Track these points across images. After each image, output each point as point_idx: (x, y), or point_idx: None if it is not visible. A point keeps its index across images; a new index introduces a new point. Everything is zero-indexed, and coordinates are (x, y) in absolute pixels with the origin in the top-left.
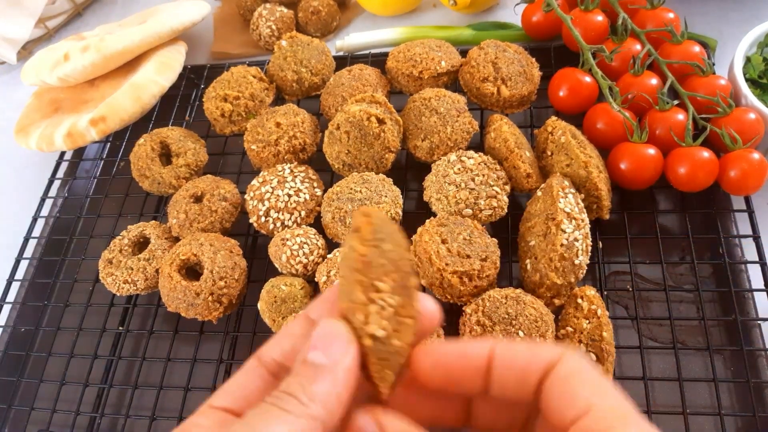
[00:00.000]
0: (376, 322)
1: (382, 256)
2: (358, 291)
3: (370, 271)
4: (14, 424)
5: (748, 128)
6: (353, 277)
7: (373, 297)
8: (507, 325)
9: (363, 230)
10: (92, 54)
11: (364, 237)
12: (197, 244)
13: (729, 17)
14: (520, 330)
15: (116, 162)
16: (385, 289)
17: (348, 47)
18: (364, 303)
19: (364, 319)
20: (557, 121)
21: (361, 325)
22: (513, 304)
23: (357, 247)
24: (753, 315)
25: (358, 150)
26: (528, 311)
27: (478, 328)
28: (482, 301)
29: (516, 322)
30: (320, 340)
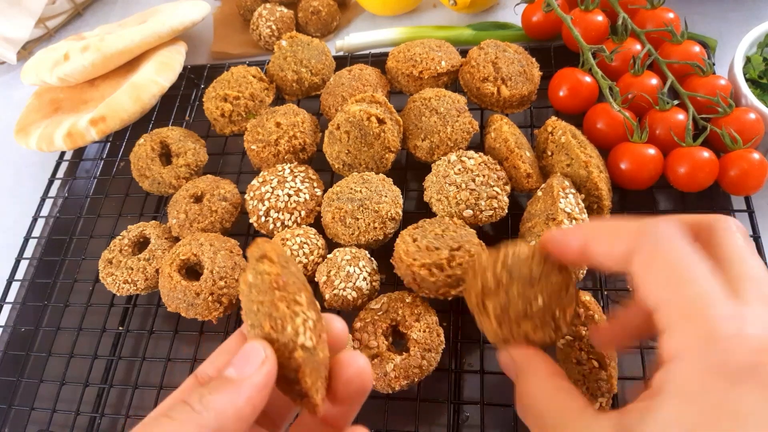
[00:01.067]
0: (304, 333)
1: (292, 275)
2: (282, 306)
3: (288, 287)
4: (14, 424)
5: (748, 128)
6: (272, 296)
7: (296, 310)
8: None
9: (270, 254)
10: (92, 54)
11: (273, 260)
12: (197, 244)
13: (729, 17)
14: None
15: (116, 162)
16: (303, 302)
17: (348, 47)
18: (291, 316)
19: (294, 331)
20: (557, 121)
21: (293, 338)
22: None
23: (270, 269)
24: None
25: (358, 150)
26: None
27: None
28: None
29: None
30: (238, 358)
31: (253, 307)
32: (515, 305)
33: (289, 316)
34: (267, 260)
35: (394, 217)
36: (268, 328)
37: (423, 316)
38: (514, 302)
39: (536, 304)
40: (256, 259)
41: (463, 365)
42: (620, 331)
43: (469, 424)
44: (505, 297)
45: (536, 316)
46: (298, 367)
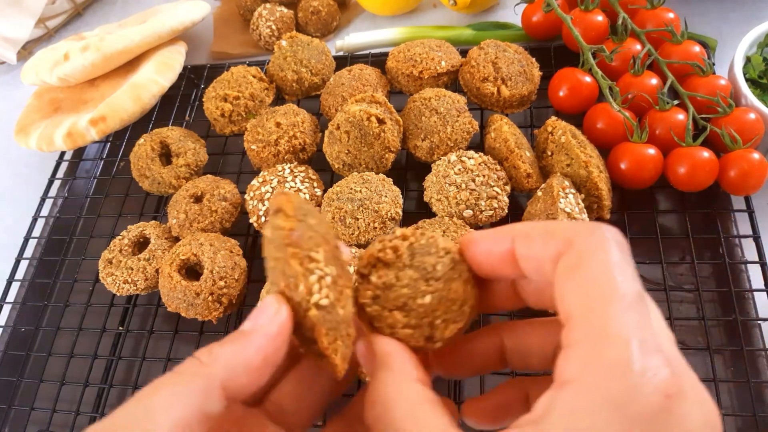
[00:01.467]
0: (319, 291)
1: (310, 229)
2: (294, 264)
3: (302, 243)
4: (14, 424)
5: (748, 128)
6: (286, 252)
7: (310, 267)
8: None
9: (285, 208)
10: (92, 54)
11: (288, 214)
12: (197, 244)
13: (729, 17)
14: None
15: (116, 162)
16: (320, 258)
17: (348, 47)
18: (303, 274)
19: (307, 290)
20: (557, 121)
21: (305, 296)
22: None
23: (284, 224)
24: (753, 315)
25: (358, 150)
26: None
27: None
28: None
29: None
30: (254, 312)
31: (270, 263)
32: (398, 290)
33: (302, 274)
34: (282, 214)
35: (394, 217)
36: (283, 286)
37: None
38: (400, 286)
39: (420, 300)
40: (273, 213)
41: None
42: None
43: None
44: (394, 276)
45: (414, 312)
46: (312, 326)
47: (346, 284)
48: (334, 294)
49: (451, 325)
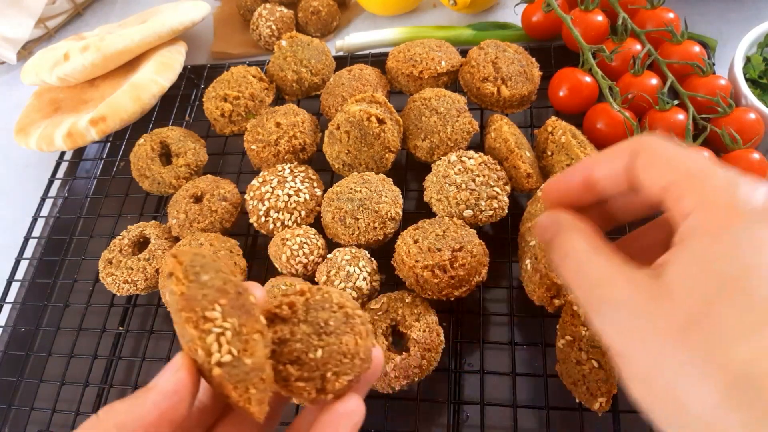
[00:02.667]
0: (219, 350)
1: (203, 287)
2: (189, 328)
3: (195, 305)
4: (14, 424)
5: (748, 128)
6: (181, 317)
7: (206, 328)
8: (312, 333)
9: (175, 270)
10: (92, 53)
11: (178, 277)
12: (197, 244)
13: (729, 17)
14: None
15: (116, 162)
16: (216, 316)
17: (348, 47)
18: (199, 337)
19: (205, 352)
20: (557, 121)
21: (205, 358)
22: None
23: (175, 288)
24: None
25: (358, 150)
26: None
27: (285, 308)
28: (317, 291)
29: (324, 338)
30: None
31: (175, 326)
32: (292, 344)
33: (197, 337)
34: (174, 278)
35: (394, 217)
36: (186, 349)
37: (423, 316)
38: (294, 341)
39: (312, 354)
40: (167, 277)
41: (463, 365)
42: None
43: (469, 424)
44: (289, 331)
45: (306, 366)
46: (220, 384)
47: (252, 329)
48: (237, 346)
49: (342, 377)
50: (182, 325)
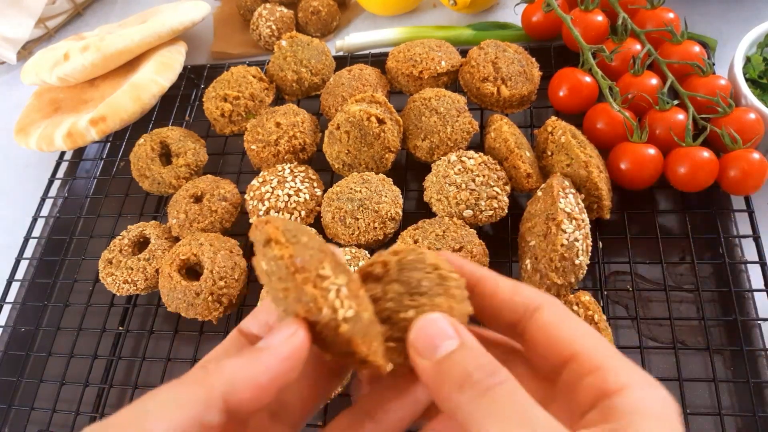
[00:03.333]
0: (342, 305)
1: (306, 248)
2: (309, 288)
3: (307, 265)
4: (14, 424)
5: (748, 128)
6: (295, 281)
7: (325, 286)
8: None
9: (275, 235)
10: (92, 53)
11: (280, 242)
12: (197, 244)
13: (729, 17)
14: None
15: (116, 162)
16: (329, 273)
17: (348, 47)
18: (321, 295)
19: (331, 309)
20: (557, 121)
21: (332, 316)
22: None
23: (281, 252)
24: (753, 315)
25: (358, 150)
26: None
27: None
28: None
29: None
30: (271, 332)
31: (279, 294)
32: (383, 303)
33: (320, 295)
34: (274, 243)
35: (394, 217)
36: (304, 312)
37: None
38: (385, 300)
39: (404, 314)
40: (263, 245)
41: None
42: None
43: None
44: (381, 290)
45: (396, 326)
46: (348, 340)
47: (357, 286)
48: (354, 302)
49: None
50: (297, 289)
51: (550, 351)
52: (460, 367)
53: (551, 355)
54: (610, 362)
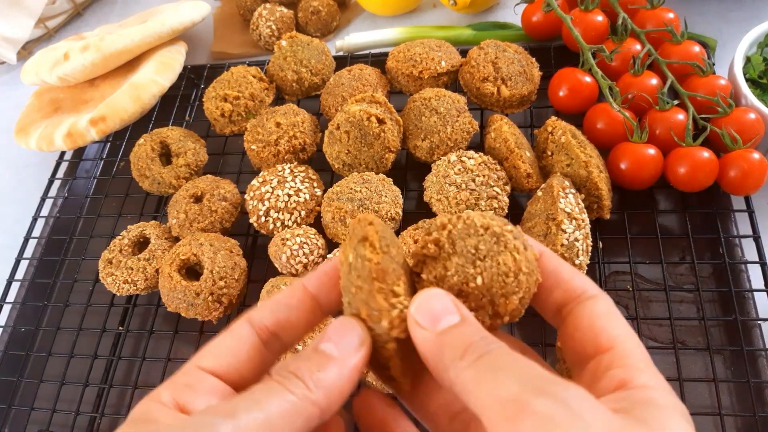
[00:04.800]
0: (399, 325)
1: (392, 261)
2: (380, 298)
3: (386, 277)
4: (14, 424)
5: (748, 128)
6: (371, 286)
7: (393, 302)
8: (465, 263)
9: (371, 238)
10: (92, 53)
11: (374, 246)
12: (197, 244)
13: (729, 17)
14: (478, 277)
15: (116, 162)
16: (401, 292)
17: (348, 47)
18: (387, 309)
19: (390, 325)
20: (557, 121)
21: (387, 331)
22: (489, 241)
23: (370, 256)
24: (753, 315)
25: (358, 150)
26: (503, 259)
27: (431, 246)
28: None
29: (479, 264)
30: (335, 333)
31: (351, 288)
32: (450, 279)
33: (386, 309)
34: (369, 245)
35: (394, 217)
36: (365, 315)
37: None
38: (450, 276)
39: (473, 283)
40: (358, 240)
41: None
42: None
43: None
44: (442, 268)
45: (471, 296)
46: (390, 357)
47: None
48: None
49: (511, 297)
50: (370, 293)
51: (591, 338)
52: (463, 338)
53: (590, 343)
54: (644, 366)
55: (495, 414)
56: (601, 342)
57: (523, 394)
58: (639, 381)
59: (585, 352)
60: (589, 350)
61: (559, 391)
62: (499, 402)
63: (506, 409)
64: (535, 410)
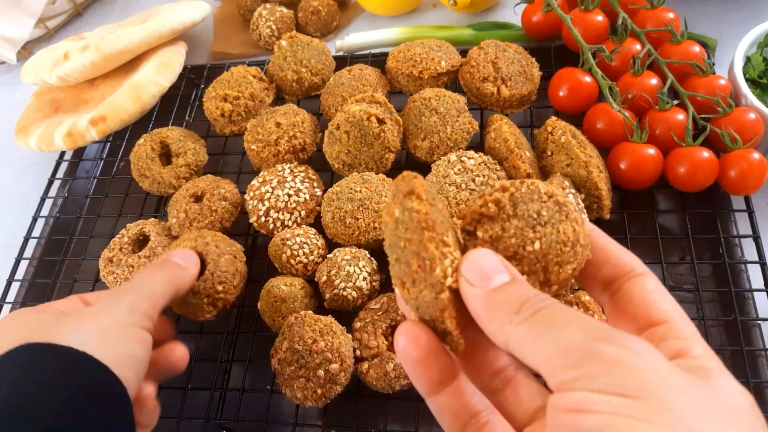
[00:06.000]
0: (452, 275)
1: (440, 213)
2: (431, 247)
3: (436, 227)
4: None
5: (748, 128)
6: (421, 236)
7: (444, 252)
8: (525, 226)
9: (419, 190)
10: (92, 53)
11: (421, 197)
12: (203, 242)
13: (729, 17)
14: (537, 242)
15: (116, 162)
16: (451, 243)
17: (348, 47)
18: (439, 258)
19: (443, 273)
20: (557, 121)
21: (441, 279)
22: (552, 208)
23: (419, 207)
24: (753, 315)
25: (358, 150)
26: (564, 228)
27: (491, 205)
28: (521, 184)
29: (539, 229)
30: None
31: (399, 243)
32: (506, 241)
33: (438, 257)
34: (416, 197)
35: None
36: (416, 266)
37: None
38: (507, 237)
39: (530, 247)
40: (404, 195)
41: None
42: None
43: None
44: (500, 228)
45: (525, 260)
46: (444, 307)
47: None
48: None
49: (566, 266)
50: (420, 244)
51: (644, 312)
52: (517, 294)
53: (642, 316)
54: (698, 339)
55: (558, 362)
56: (655, 316)
57: (587, 341)
58: (695, 352)
59: (637, 324)
60: (642, 323)
61: (624, 339)
62: (562, 350)
63: (570, 355)
64: (601, 355)
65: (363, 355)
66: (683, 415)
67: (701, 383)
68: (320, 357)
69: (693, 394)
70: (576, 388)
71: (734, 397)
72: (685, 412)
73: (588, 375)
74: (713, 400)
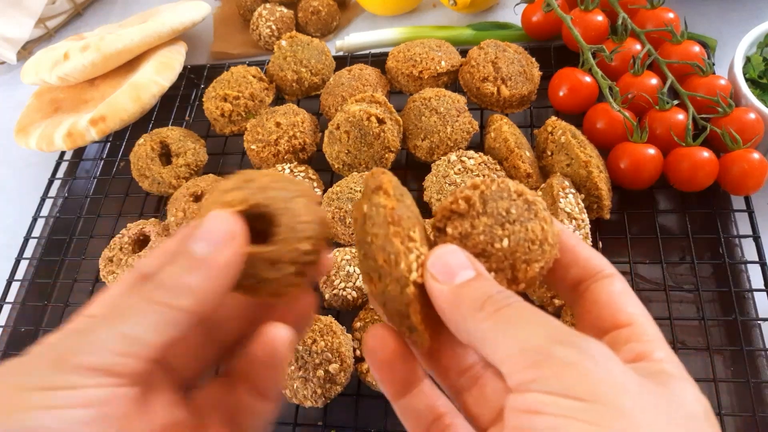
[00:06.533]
0: (417, 270)
1: (407, 209)
2: (396, 242)
3: (402, 222)
4: None
5: (748, 128)
6: (387, 231)
7: (410, 246)
8: (494, 224)
9: (386, 186)
10: (92, 53)
11: (388, 193)
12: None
13: (729, 17)
14: (505, 240)
15: (116, 162)
16: (417, 238)
17: (348, 47)
18: (404, 252)
19: (407, 268)
20: (557, 121)
21: (405, 274)
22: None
23: (385, 202)
24: (753, 315)
25: (358, 150)
26: (532, 226)
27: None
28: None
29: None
30: (206, 231)
31: (366, 238)
32: (475, 238)
33: (403, 252)
34: (383, 193)
35: None
36: (381, 261)
37: None
38: (476, 234)
39: (499, 244)
40: (372, 190)
41: None
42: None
43: None
44: (469, 225)
45: (493, 257)
46: (409, 302)
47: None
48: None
49: (533, 264)
50: (386, 238)
51: (609, 314)
52: (481, 291)
53: (608, 318)
54: (660, 343)
55: (516, 362)
56: (620, 318)
57: (545, 343)
58: (656, 355)
59: (602, 326)
60: (607, 325)
61: (581, 342)
62: (520, 350)
63: (528, 357)
64: (558, 358)
65: (363, 355)
66: (635, 420)
67: (657, 389)
68: (320, 357)
69: (647, 400)
70: (531, 389)
71: (690, 403)
72: (638, 417)
73: (543, 377)
74: (667, 405)
